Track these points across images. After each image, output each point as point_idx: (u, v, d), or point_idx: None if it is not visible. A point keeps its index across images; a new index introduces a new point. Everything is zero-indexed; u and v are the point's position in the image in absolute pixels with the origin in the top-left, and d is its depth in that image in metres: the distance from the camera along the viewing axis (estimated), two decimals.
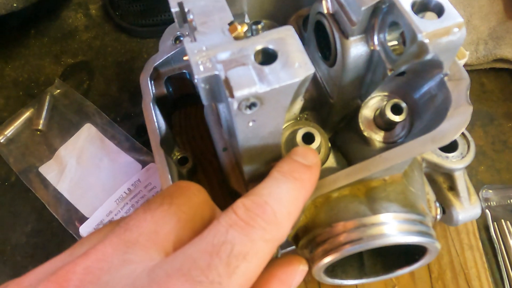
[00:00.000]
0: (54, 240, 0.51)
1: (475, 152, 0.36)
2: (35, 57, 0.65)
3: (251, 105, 0.24)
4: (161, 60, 0.42)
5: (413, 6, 0.26)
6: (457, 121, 0.29)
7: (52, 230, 0.51)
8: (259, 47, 0.25)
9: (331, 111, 0.37)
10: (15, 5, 0.55)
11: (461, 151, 0.35)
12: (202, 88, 0.25)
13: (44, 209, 0.52)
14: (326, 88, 0.37)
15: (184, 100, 0.48)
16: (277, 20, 0.43)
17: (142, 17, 0.65)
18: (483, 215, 0.48)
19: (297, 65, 0.24)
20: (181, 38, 0.43)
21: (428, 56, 0.27)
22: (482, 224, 0.48)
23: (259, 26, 0.39)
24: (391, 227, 0.29)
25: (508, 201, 0.48)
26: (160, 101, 0.42)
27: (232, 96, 0.23)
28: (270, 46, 0.25)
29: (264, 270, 0.27)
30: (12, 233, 0.52)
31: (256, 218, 0.22)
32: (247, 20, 0.34)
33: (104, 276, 0.20)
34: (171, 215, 0.23)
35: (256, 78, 0.24)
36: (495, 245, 0.46)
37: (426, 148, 0.29)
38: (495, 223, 0.47)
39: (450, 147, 0.36)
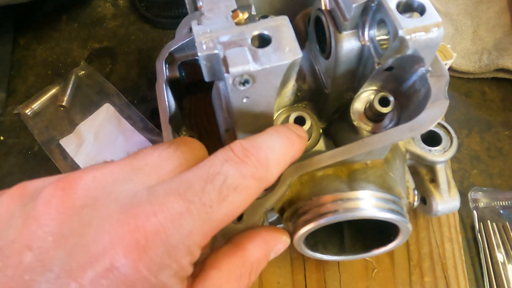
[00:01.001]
0: None
1: (457, 147, 0.38)
2: (65, 41, 0.70)
3: (245, 82, 0.28)
4: (176, 46, 0.46)
5: (398, 5, 0.29)
6: (434, 113, 0.32)
7: None
8: (256, 32, 0.28)
9: (326, 102, 0.41)
10: None
11: (444, 145, 0.38)
12: (204, 65, 0.29)
13: None
14: (322, 80, 0.40)
15: (195, 86, 0.52)
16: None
17: (165, 9, 0.69)
18: (470, 215, 0.50)
19: (287, 49, 0.28)
20: None
21: (409, 51, 0.29)
22: (469, 224, 0.50)
23: (264, 20, 0.42)
24: (366, 203, 0.32)
25: (495, 203, 0.50)
26: (172, 84, 0.46)
27: (227, 71, 0.27)
28: (266, 32, 0.28)
29: (251, 229, 0.30)
30: None
31: (251, 157, 0.25)
32: (253, 12, 0.37)
33: (109, 186, 0.23)
34: (174, 157, 0.26)
35: (250, 58, 0.27)
36: (479, 245, 0.48)
37: (404, 135, 0.32)
38: (481, 223, 0.49)
39: (434, 141, 0.38)
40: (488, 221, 0.49)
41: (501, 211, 0.50)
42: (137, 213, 0.22)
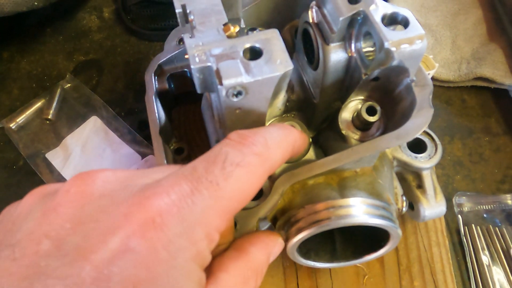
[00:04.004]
0: None
1: (442, 155, 0.39)
2: (50, 53, 0.70)
3: (238, 93, 0.28)
4: (165, 59, 0.46)
5: (383, 18, 0.31)
6: (419, 121, 0.33)
7: None
8: (247, 45, 0.29)
9: (315, 112, 0.41)
10: (36, 3, 0.60)
11: (429, 152, 0.39)
12: (196, 78, 0.29)
13: None
14: (311, 90, 0.41)
15: (184, 97, 0.52)
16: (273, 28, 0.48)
17: (152, 21, 0.69)
18: (455, 220, 0.51)
19: (278, 61, 0.28)
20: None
21: (394, 62, 0.31)
22: (455, 228, 0.51)
23: (255, 32, 0.43)
24: (357, 209, 0.32)
25: (479, 207, 0.51)
26: (162, 96, 0.47)
27: (221, 84, 0.27)
28: (257, 45, 0.29)
29: (251, 233, 0.30)
30: None
31: (247, 138, 0.25)
32: (243, 25, 0.38)
33: (126, 180, 0.24)
34: None
35: (243, 70, 0.28)
36: (465, 248, 0.49)
37: (391, 143, 0.33)
38: (466, 227, 0.50)
39: (419, 148, 0.40)
40: (473, 225, 0.50)
41: (485, 215, 0.51)
42: (150, 195, 0.22)
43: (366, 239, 0.38)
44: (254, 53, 0.29)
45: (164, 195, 0.22)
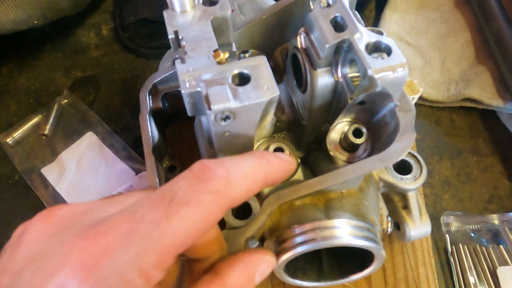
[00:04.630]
0: None
1: (427, 175, 0.40)
2: (48, 69, 0.71)
3: (226, 118, 0.30)
4: (159, 78, 0.47)
5: (366, 47, 0.32)
6: (402, 145, 0.34)
7: None
8: (236, 71, 0.30)
9: (304, 132, 0.43)
10: (35, 22, 0.62)
11: (415, 174, 0.40)
12: (187, 102, 0.30)
13: (42, 207, 0.57)
14: (300, 111, 0.42)
15: (178, 115, 0.53)
16: (264, 50, 0.49)
17: (148, 40, 0.71)
18: (443, 239, 0.52)
19: (265, 88, 0.30)
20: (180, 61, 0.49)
21: (378, 89, 0.32)
22: (442, 247, 0.52)
23: (246, 55, 0.45)
24: (342, 231, 0.33)
25: (466, 227, 0.52)
26: (155, 114, 0.48)
27: (209, 108, 0.28)
28: (245, 71, 0.30)
29: (232, 255, 0.30)
30: (10, 228, 0.55)
31: (207, 171, 0.24)
32: (234, 49, 0.39)
33: (81, 216, 0.25)
34: None
35: (231, 96, 0.29)
36: (452, 267, 0.50)
37: (375, 166, 0.34)
38: (453, 246, 0.51)
39: (405, 170, 0.41)
40: (460, 244, 0.51)
41: (472, 235, 0.52)
42: (89, 235, 0.23)
43: (352, 258, 0.39)
44: (242, 79, 0.30)
45: (101, 236, 0.22)
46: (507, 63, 0.60)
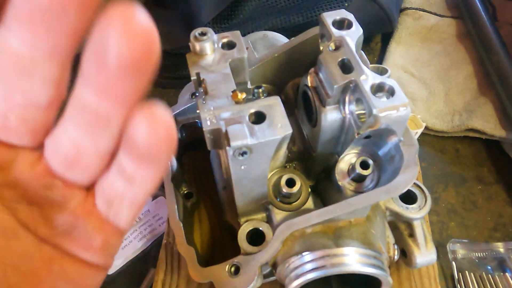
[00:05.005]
0: None
1: (431, 204, 0.42)
2: None
3: (243, 153, 0.32)
4: (178, 111, 0.51)
5: (371, 87, 0.35)
6: (406, 177, 0.36)
7: None
8: (252, 110, 0.33)
9: (314, 163, 0.45)
10: None
11: (419, 203, 0.42)
12: (208, 138, 0.34)
13: None
14: (310, 143, 0.45)
15: (195, 144, 0.57)
16: (276, 85, 0.53)
17: (165, 70, 0.75)
18: (450, 266, 0.53)
19: (279, 126, 0.33)
20: (197, 94, 0.53)
21: (382, 126, 0.35)
22: (449, 274, 0.53)
23: (260, 90, 0.48)
24: (351, 258, 0.35)
25: (472, 254, 0.53)
26: None
27: (229, 145, 0.31)
28: (261, 110, 0.33)
29: None
30: None
31: None
32: (249, 86, 0.43)
33: None
34: None
35: (248, 133, 0.32)
36: None
37: (381, 197, 0.37)
38: (460, 273, 0.52)
39: (410, 200, 0.43)
40: (466, 272, 0.52)
41: (478, 262, 0.53)
42: None
43: (361, 285, 0.40)
44: (258, 117, 0.33)
45: None
46: (508, 95, 0.62)
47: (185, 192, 0.51)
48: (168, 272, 0.48)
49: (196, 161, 0.57)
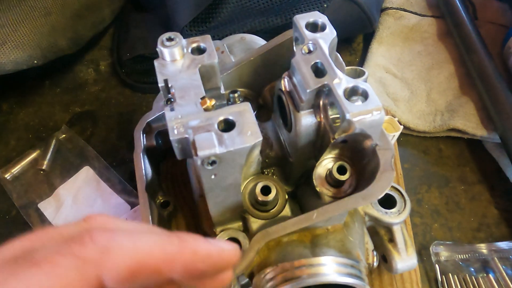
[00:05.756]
0: None
1: (410, 209, 0.42)
2: (47, 105, 0.73)
3: (212, 162, 0.31)
4: (153, 117, 0.49)
5: (345, 91, 0.34)
6: (382, 183, 0.35)
7: None
8: (221, 117, 0.32)
9: (292, 168, 0.44)
10: (35, 62, 0.64)
11: (399, 208, 0.42)
12: (175, 147, 0.32)
13: None
14: (287, 148, 0.44)
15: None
16: (254, 89, 0.51)
17: (144, 75, 0.74)
18: (433, 269, 0.53)
19: (249, 133, 0.31)
20: (172, 100, 0.51)
21: (357, 130, 0.34)
22: (433, 277, 0.53)
23: (236, 95, 0.47)
24: (328, 268, 0.34)
25: (456, 256, 0.53)
26: (149, 152, 0.49)
27: (196, 155, 0.30)
28: (230, 117, 0.32)
29: None
30: None
31: (85, 236, 0.21)
32: (222, 91, 0.41)
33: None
34: None
35: (216, 142, 0.31)
36: None
37: (358, 203, 0.36)
38: (443, 276, 0.52)
39: (390, 204, 0.42)
40: (450, 274, 0.51)
41: (461, 264, 0.53)
42: None
43: None
44: (227, 125, 0.32)
45: None
46: (489, 94, 0.62)
47: (162, 201, 0.50)
48: None
49: (175, 168, 0.56)
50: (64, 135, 0.68)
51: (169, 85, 0.35)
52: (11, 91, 0.75)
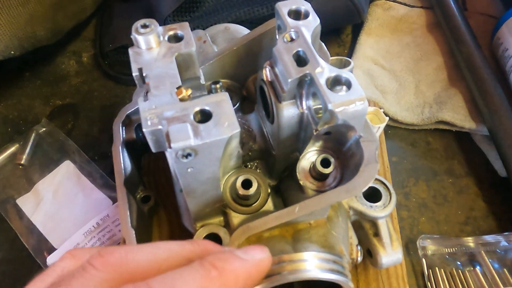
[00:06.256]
0: (22, 269, 0.54)
1: (396, 203, 0.41)
2: (27, 97, 0.71)
3: (187, 155, 0.30)
4: (133, 109, 0.48)
5: (327, 81, 0.33)
6: (366, 176, 0.34)
7: (22, 260, 0.55)
8: (197, 108, 0.31)
9: (275, 161, 0.43)
10: (12, 52, 0.62)
11: (384, 201, 0.41)
12: (149, 139, 0.31)
13: (16, 239, 0.56)
14: (270, 141, 0.43)
15: None
16: (237, 80, 0.50)
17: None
18: (420, 263, 0.52)
19: (226, 124, 0.30)
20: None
21: (339, 121, 0.32)
22: (420, 271, 0.52)
23: (218, 86, 0.45)
24: (309, 264, 0.33)
25: (443, 250, 0.52)
26: (129, 145, 0.48)
27: (170, 147, 0.29)
28: (207, 108, 0.31)
29: None
30: None
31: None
32: (202, 81, 0.40)
33: None
34: None
35: (191, 134, 0.29)
36: None
37: (341, 197, 0.35)
38: (430, 270, 0.51)
39: (375, 198, 0.41)
40: (437, 268, 0.51)
41: (448, 258, 0.52)
42: None
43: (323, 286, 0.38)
44: (204, 116, 0.31)
45: None
46: (478, 86, 0.61)
47: (142, 196, 0.48)
48: None
49: (157, 162, 0.54)
50: (44, 129, 0.66)
51: (144, 74, 0.34)
52: None
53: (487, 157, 0.61)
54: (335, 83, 0.33)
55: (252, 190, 0.38)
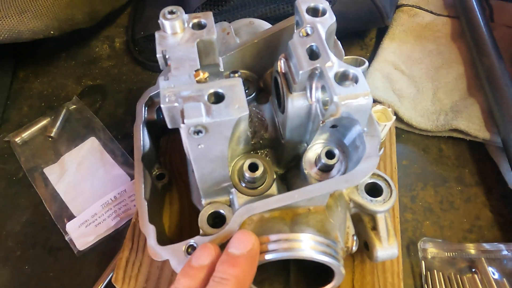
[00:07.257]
0: (43, 232, 0.58)
1: (396, 199, 0.42)
2: (61, 76, 0.76)
3: (198, 132, 0.32)
4: (155, 92, 0.51)
5: (335, 75, 0.35)
6: (366, 167, 0.36)
7: (44, 224, 0.59)
8: (212, 90, 0.33)
9: (283, 150, 0.45)
10: (52, 32, 0.66)
11: (384, 197, 0.42)
12: (166, 115, 0.34)
13: (40, 204, 0.60)
14: (280, 130, 0.45)
15: None
16: (255, 72, 0.52)
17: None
18: (419, 264, 0.53)
19: (237, 106, 0.33)
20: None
21: (344, 114, 0.34)
22: (418, 273, 0.53)
23: (236, 75, 0.48)
24: (304, 244, 0.35)
25: (444, 254, 0.53)
26: (149, 125, 0.51)
27: (183, 122, 0.31)
28: (220, 90, 0.33)
29: None
30: (9, 221, 0.59)
31: None
32: (221, 69, 0.42)
33: None
34: None
35: (204, 112, 0.32)
36: None
37: (340, 186, 0.37)
38: (428, 272, 0.52)
39: (376, 192, 0.42)
40: (435, 271, 0.52)
41: (448, 262, 0.53)
42: None
43: (318, 274, 0.40)
44: (217, 98, 0.33)
45: None
46: (496, 98, 0.61)
47: (158, 173, 0.51)
48: (133, 250, 0.48)
49: (174, 144, 0.57)
50: (74, 106, 0.70)
51: (167, 56, 0.36)
52: (29, 60, 0.78)
53: (499, 168, 0.61)
54: (343, 77, 0.35)
55: (258, 173, 0.40)
